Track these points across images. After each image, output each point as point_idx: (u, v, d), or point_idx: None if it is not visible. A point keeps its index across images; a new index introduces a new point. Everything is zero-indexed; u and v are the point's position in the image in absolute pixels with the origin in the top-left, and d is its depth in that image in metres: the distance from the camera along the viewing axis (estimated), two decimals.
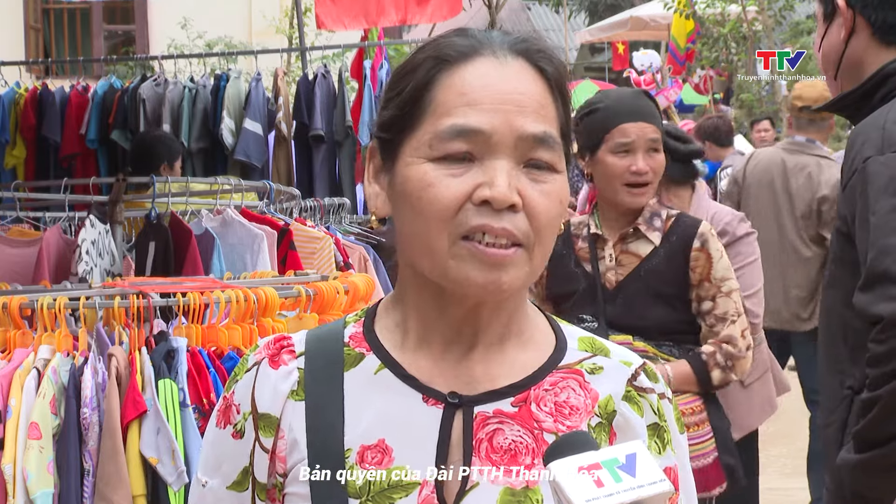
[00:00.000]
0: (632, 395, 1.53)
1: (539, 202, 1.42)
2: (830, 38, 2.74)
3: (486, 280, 1.40)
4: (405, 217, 1.45)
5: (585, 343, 1.56)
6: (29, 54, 17.83)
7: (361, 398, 1.48)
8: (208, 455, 1.56)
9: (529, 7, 30.67)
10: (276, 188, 5.70)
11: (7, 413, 3.16)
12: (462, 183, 1.41)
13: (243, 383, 1.53)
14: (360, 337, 1.53)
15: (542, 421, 1.47)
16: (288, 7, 16.68)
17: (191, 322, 3.40)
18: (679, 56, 15.95)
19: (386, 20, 8.10)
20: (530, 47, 1.47)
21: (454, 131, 1.41)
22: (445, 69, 1.45)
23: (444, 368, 1.48)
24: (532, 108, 1.43)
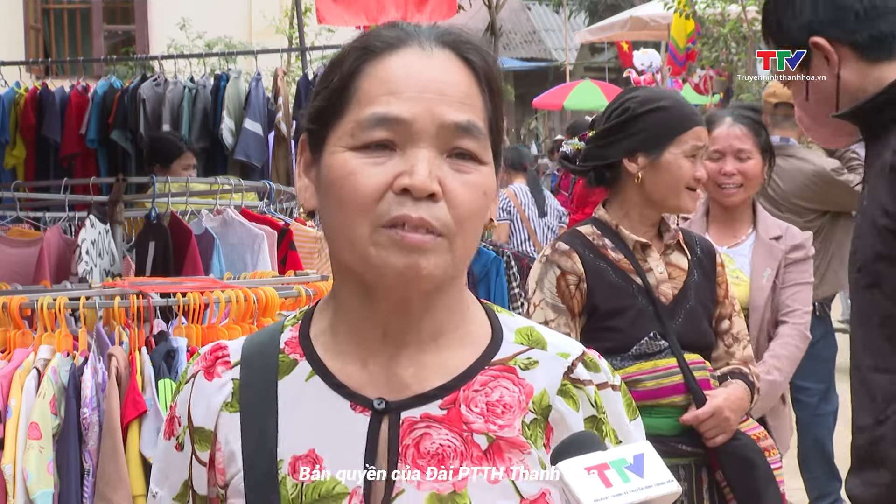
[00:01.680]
0: (567, 389, 1.50)
1: (460, 192, 1.40)
2: (818, 85, 2.65)
3: (405, 265, 1.38)
4: (330, 207, 1.44)
5: (522, 335, 1.53)
6: (29, 54, 17.83)
7: (293, 407, 1.47)
8: (158, 465, 1.57)
9: (529, 7, 30.67)
10: (276, 188, 5.70)
11: (7, 413, 3.16)
12: (383, 171, 1.40)
13: (183, 396, 1.53)
14: (295, 342, 1.51)
15: (472, 422, 1.45)
16: (288, 7, 16.67)
17: (191, 322, 3.40)
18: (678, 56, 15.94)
19: (386, 18, 8.09)
20: (458, 39, 1.47)
21: (375, 119, 1.40)
22: (371, 59, 1.44)
23: (373, 373, 1.47)
24: (456, 98, 1.42)
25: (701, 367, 3.23)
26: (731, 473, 3.19)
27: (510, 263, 6.54)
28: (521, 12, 30.62)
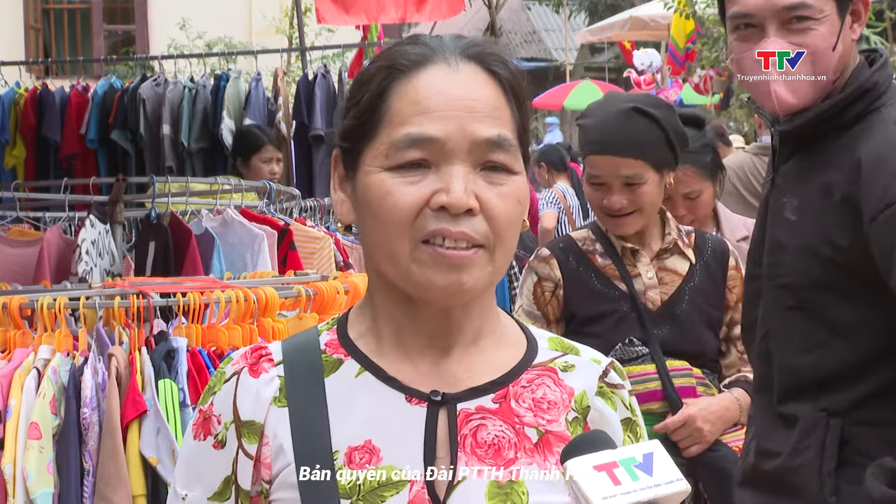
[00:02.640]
0: (604, 391, 1.57)
1: (496, 204, 1.45)
2: (846, 37, 2.56)
3: (447, 282, 1.43)
4: (368, 225, 1.48)
5: (555, 343, 1.59)
6: (29, 54, 17.83)
7: (344, 401, 1.50)
8: (187, 468, 1.56)
9: (529, 7, 30.66)
10: (275, 188, 5.70)
11: (7, 413, 3.16)
12: (419, 190, 1.44)
13: (223, 394, 1.54)
14: (335, 343, 1.55)
15: (523, 416, 1.51)
16: (288, 7, 16.67)
17: (191, 322, 3.40)
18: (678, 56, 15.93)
19: (386, 17, 8.09)
20: (482, 51, 1.50)
21: (409, 140, 1.44)
22: (398, 78, 1.47)
23: (423, 370, 1.51)
24: (485, 113, 1.46)
25: (685, 374, 3.18)
26: (707, 485, 3.15)
27: (511, 264, 6.55)
28: (521, 12, 30.60)
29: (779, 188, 2.63)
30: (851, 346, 2.50)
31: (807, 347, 2.54)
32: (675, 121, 3.24)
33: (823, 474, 2.48)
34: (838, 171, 2.50)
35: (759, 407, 2.68)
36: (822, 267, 2.50)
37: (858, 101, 2.55)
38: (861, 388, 2.49)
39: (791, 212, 2.58)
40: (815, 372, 2.52)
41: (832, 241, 2.48)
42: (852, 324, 2.50)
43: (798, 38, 2.55)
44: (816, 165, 2.56)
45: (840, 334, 2.50)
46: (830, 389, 2.51)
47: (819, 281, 2.51)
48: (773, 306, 2.61)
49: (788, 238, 2.57)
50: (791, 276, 2.56)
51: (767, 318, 2.63)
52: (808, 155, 2.59)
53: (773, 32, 2.55)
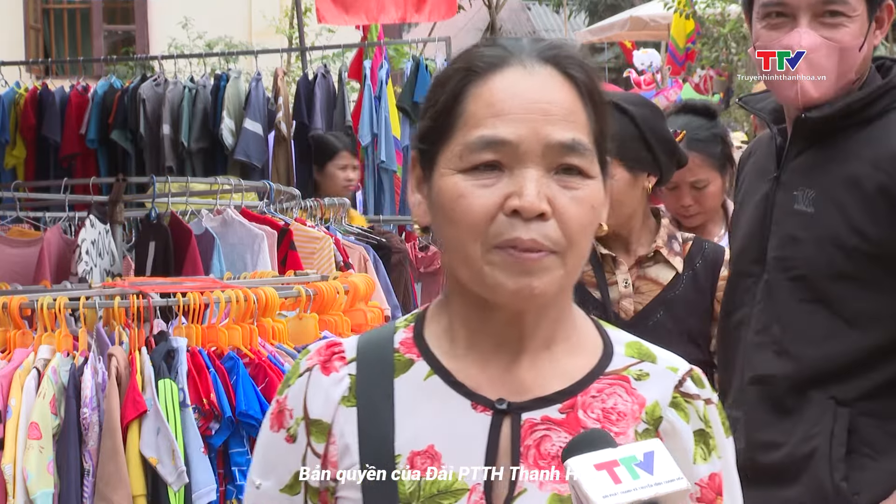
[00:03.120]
0: (678, 402, 1.54)
1: (569, 209, 1.43)
2: (871, 40, 2.59)
3: (517, 286, 1.43)
4: (442, 227, 1.48)
5: (633, 349, 1.57)
6: (29, 54, 17.82)
7: (411, 404, 1.50)
8: (263, 458, 1.58)
9: (529, 7, 30.66)
10: (275, 188, 5.70)
11: (7, 413, 3.16)
12: (493, 193, 1.43)
13: (296, 389, 1.55)
14: (410, 342, 1.55)
15: (590, 427, 1.49)
16: (288, 7, 16.67)
17: (191, 322, 3.40)
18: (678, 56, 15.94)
19: (386, 17, 8.10)
20: (559, 54, 1.49)
21: (483, 142, 1.44)
22: (475, 80, 1.47)
23: (491, 375, 1.50)
24: (560, 116, 1.45)
25: None
26: None
27: None
28: (521, 12, 30.61)
29: (786, 184, 2.64)
30: (867, 337, 2.52)
31: (823, 338, 2.55)
32: (656, 123, 3.15)
33: (833, 461, 2.50)
34: (866, 164, 2.54)
35: (751, 400, 2.67)
36: (848, 257, 2.52)
37: (883, 97, 2.59)
38: (871, 378, 2.53)
39: (807, 204, 2.59)
40: (829, 362, 2.54)
41: (861, 230, 2.51)
42: (871, 314, 2.52)
43: (829, 33, 2.56)
44: (837, 158, 2.58)
45: (857, 325, 2.53)
46: (841, 379, 2.53)
47: (842, 271, 2.53)
48: (783, 298, 2.61)
49: (805, 230, 2.58)
50: (809, 268, 2.57)
51: (774, 310, 2.63)
52: (825, 148, 2.61)
53: (806, 23, 2.56)
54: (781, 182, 2.65)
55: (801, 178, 2.62)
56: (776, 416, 2.60)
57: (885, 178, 2.50)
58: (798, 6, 2.56)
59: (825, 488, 2.50)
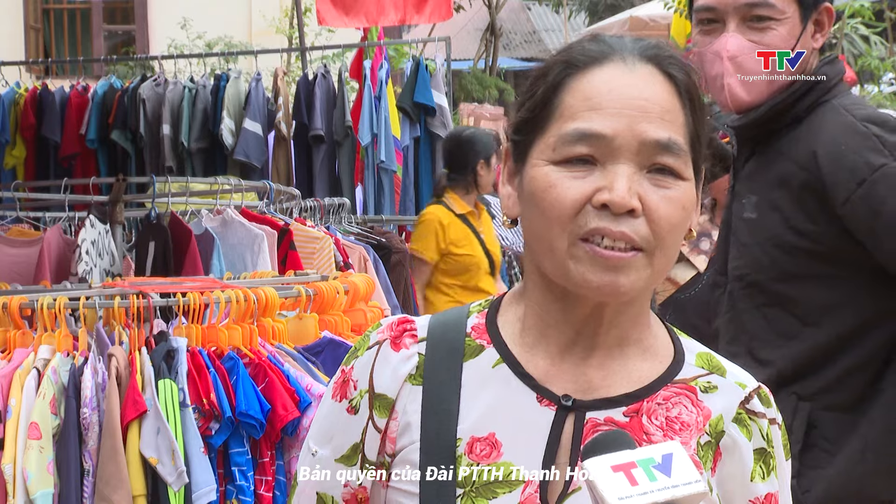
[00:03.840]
0: (742, 418, 1.54)
1: (660, 207, 1.43)
2: (806, 42, 2.61)
3: (601, 282, 1.42)
4: (530, 217, 1.47)
5: (703, 359, 1.56)
6: (29, 54, 17.82)
7: (477, 390, 1.50)
8: (321, 426, 1.58)
9: (529, 7, 30.66)
10: (276, 188, 5.70)
11: (7, 413, 3.16)
12: (583, 185, 1.42)
13: (363, 360, 1.55)
14: (482, 328, 1.54)
15: (652, 434, 1.48)
16: (288, 7, 16.67)
17: (191, 322, 3.40)
18: None
19: (386, 20, 8.10)
20: (660, 53, 1.48)
21: (577, 135, 1.43)
22: (574, 74, 1.47)
23: (561, 370, 1.50)
24: (657, 114, 1.44)
25: None
26: None
27: (511, 264, 6.53)
28: (521, 12, 30.60)
29: (738, 193, 2.67)
30: (822, 332, 2.55)
31: (784, 340, 2.57)
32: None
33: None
34: (793, 162, 2.56)
35: None
36: (789, 256, 2.55)
37: (809, 93, 2.60)
38: (829, 371, 2.55)
39: (750, 210, 2.61)
40: (792, 362, 2.56)
41: (795, 227, 2.54)
42: (823, 309, 2.55)
43: (757, 36, 2.59)
44: (771, 160, 2.61)
45: (812, 322, 2.56)
46: (804, 376, 2.55)
47: (787, 271, 2.56)
48: (744, 306, 2.63)
49: (751, 235, 2.60)
50: (759, 272, 2.60)
51: (739, 319, 2.64)
52: (764, 153, 2.64)
53: (734, 28, 2.59)
54: (735, 191, 2.69)
55: (747, 185, 2.65)
56: None
57: (807, 175, 2.52)
58: (725, 11, 2.58)
59: None
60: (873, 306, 2.54)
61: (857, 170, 2.47)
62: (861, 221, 2.48)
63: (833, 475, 2.51)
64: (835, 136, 2.52)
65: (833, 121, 2.54)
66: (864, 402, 2.54)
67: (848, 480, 2.51)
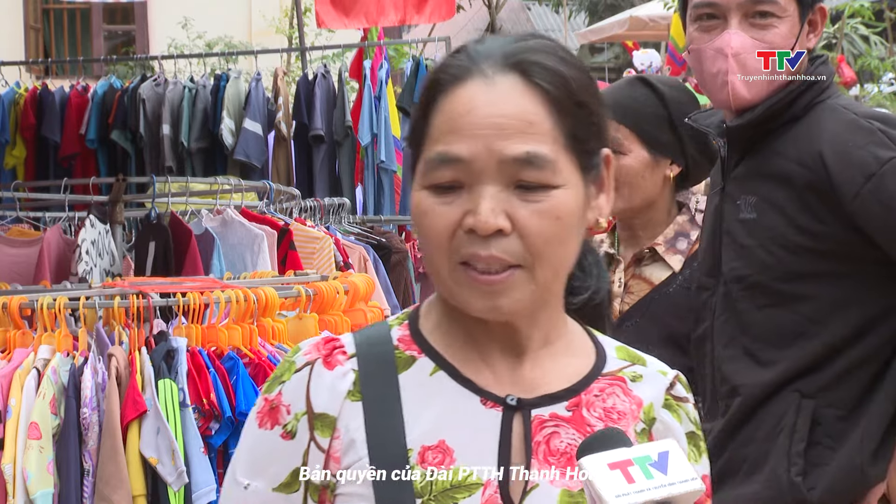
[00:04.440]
0: (671, 404, 1.56)
1: (530, 223, 1.41)
2: (803, 42, 2.60)
3: (484, 307, 1.43)
4: (419, 237, 1.50)
5: (623, 352, 1.59)
6: (29, 54, 17.83)
7: (419, 400, 1.49)
8: (251, 457, 1.54)
9: (529, 7, 30.67)
10: (275, 188, 5.71)
11: (7, 413, 3.16)
12: (452, 211, 1.42)
13: (293, 384, 1.51)
14: (408, 339, 1.54)
15: (594, 426, 1.50)
16: (288, 7, 16.67)
17: (191, 322, 3.40)
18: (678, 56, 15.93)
19: (385, 20, 8.09)
20: (526, 59, 1.45)
21: (439, 160, 1.43)
22: (441, 92, 1.46)
23: (497, 372, 1.50)
24: (515, 129, 1.41)
25: None
26: None
27: None
28: (521, 12, 30.61)
29: (730, 194, 2.65)
30: (829, 330, 2.55)
31: (790, 340, 2.57)
32: (689, 109, 2.94)
33: (792, 455, 2.52)
34: (795, 162, 2.55)
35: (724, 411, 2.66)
36: (795, 255, 2.55)
37: (806, 93, 2.59)
38: (833, 369, 2.55)
39: (749, 210, 2.60)
40: (798, 362, 2.57)
41: (800, 227, 2.53)
42: (829, 307, 2.55)
43: (759, 34, 2.58)
44: (770, 160, 2.60)
45: (818, 321, 2.55)
46: (808, 374, 2.56)
47: (793, 270, 2.55)
48: (744, 308, 2.62)
49: (751, 236, 2.59)
50: (762, 273, 2.59)
51: (738, 321, 2.63)
52: (760, 153, 2.62)
53: (736, 25, 2.57)
54: (726, 193, 2.67)
55: (742, 185, 2.63)
56: (747, 422, 2.61)
57: (811, 175, 2.52)
58: (728, 7, 2.56)
59: (781, 482, 2.53)
60: (879, 303, 2.54)
61: (865, 165, 2.47)
62: (872, 216, 2.48)
63: (835, 470, 2.52)
64: (839, 134, 2.52)
65: (835, 119, 2.54)
66: (866, 398, 2.54)
67: (850, 473, 2.51)
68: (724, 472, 2.61)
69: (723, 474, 2.61)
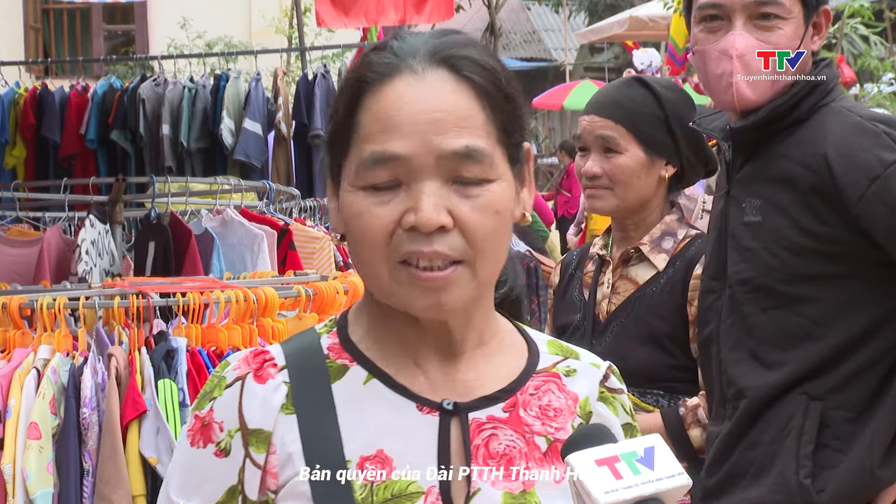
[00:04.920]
0: (606, 396, 1.56)
1: (472, 218, 1.40)
2: (807, 43, 2.60)
3: (426, 304, 1.40)
4: (351, 241, 1.44)
5: (554, 346, 1.57)
6: (29, 54, 17.83)
7: (354, 409, 1.46)
8: (184, 476, 1.50)
9: (529, 7, 30.68)
10: (275, 188, 5.71)
11: (7, 413, 3.17)
12: (390, 210, 1.39)
13: (225, 401, 1.48)
14: (338, 348, 1.50)
15: (531, 425, 1.49)
16: (287, 7, 16.67)
17: (190, 322, 3.40)
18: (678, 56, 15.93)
19: (385, 20, 8.10)
20: (453, 54, 1.43)
21: (374, 159, 1.40)
22: (367, 91, 1.43)
23: (431, 377, 1.48)
24: (451, 123, 1.40)
25: None
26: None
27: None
28: (521, 12, 30.62)
29: (735, 197, 2.65)
30: (836, 332, 2.55)
31: (796, 342, 2.57)
32: (685, 111, 2.95)
33: (800, 457, 2.52)
34: (799, 164, 2.56)
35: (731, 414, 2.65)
36: (799, 258, 2.55)
37: (810, 95, 2.59)
38: (841, 371, 2.55)
39: (753, 213, 2.60)
40: (804, 364, 2.56)
41: (804, 229, 2.53)
42: (834, 309, 2.55)
43: (764, 35, 2.58)
44: (774, 162, 2.60)
45: (823, 323, 2.55)
46: (815, 376, 2.55)
47: (797, 273, 2.55)
48: (749, 310, 2.62)
49: (756, 239, 2.59)
50: (767, 275, 2.59)
51: (743, 323, 2.63)
52: (764, 156, 2.63)
53: (741, 26, 2.57)
54: (731, 196, 2.67)
55: (747, 188, 2.63)
56: (753, 425, 2.61)
57: (815, 177, 2.52)
58: (733, 8, 2.56)
59: (790, 485, 2.52)
60: (884, 305, 2.54)
61: (869, 167, 2.48)
62: (876, 218, 2.48)
63: (845, 472, 2.51)
64: (844, 137, 2.52)
65: (839, 122, 2.55)
66: (874, 400, 2.54)
67: (859, 475, 2.51)
68: (730, 475, 2.61)
69: (730, 477, 2.61)
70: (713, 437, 2.69)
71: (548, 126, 27.79)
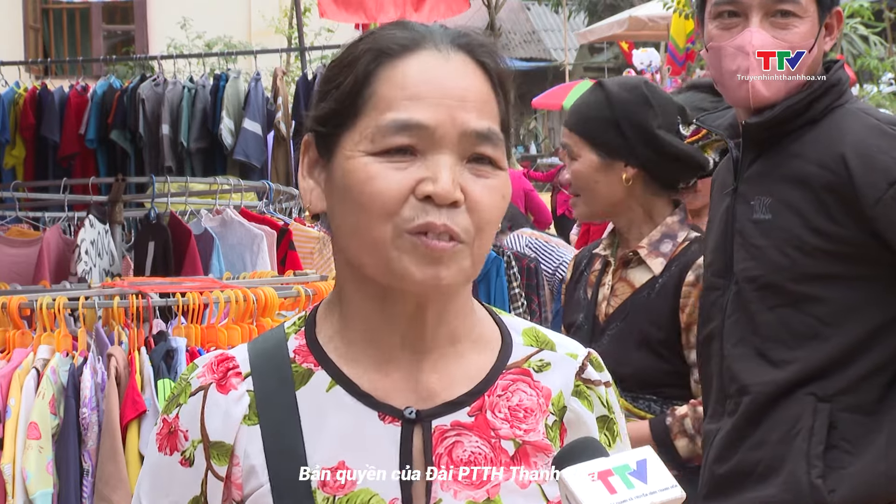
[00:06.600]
0: (581, 390, 1.52)
1: (483, 198, 1.40)
2: (821, 43, 2.61)
3: (424, 276, 1.38)
4: (346, 211, 1.41)
5: (530, 336, 1.53)
6: (28, 54, 17.84)
7: (317, 419, 1.44)
8: (153, 481, 1.50)
9: (529, 7, 30.69)
10: (275, 188, 5.71)
11: (6, 413, 3.16)
12: (405, 177, 1.38)
13: (189, 409, 1.47)
14: (304, 350, 1.48)
15: (499, 428, 1.46)
16: (287, 7, 16.68)
17: (190, 322, 3.40)
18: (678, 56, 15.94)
19: (385, 17, 8.11)
20: (472, 41, 1.44)
21: (397, 125, 1.38)
22: (386, 62, 1.42)
23: (395, 380, 1.45)
24: (475, 104, 1.41)
25: None
26: None
27: (510, 263, 6.53)
28: (521, 12, 30.63)
29: (743, 195, 2.64)
30: (844, 333, 2.54)
31: (802, 341, 2.56)
32: (635, 109, 2.94)
33: (811, 457, 2.51)
34: (815, 163, 2.55)
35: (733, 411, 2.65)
36: (810, 257, 2.54)
37: (825, 96, 2.59)
38: (850, 372, 2.54)
39: (764, 211, 2.60)
40: (810, 363, 2.55)
41: (816, 229, 2.53)
42: (844, 310, 2.54)
43: (780, 33, 2.58)
44: (787, 161, 2.60)
45: (832, 323, 2.54)
46: (822, 377, 2.55)
47: (807, 272, 2.55)
48: (756, 308, 2.61)
49: (765, 237, 2.59)
50: (776, 273, 2.58)
51: (749, 321, 2.63)
52: (776, 154, 2.62)
53: (757, 23, 2.57)
54: (739, 193, 2.66)
55: (756, 186, 2.62)
56: (758, 423, 2.60)
57: (831, 177, 2.51)
58: (750, 5, 2.56)
59: (801, 485, 2.51)
60: (894, 307, 2.54)
61: (889, 170, 2.48)
62: (892, 222, 2.48)
63: (858, 474, 2.50)
64: (863, 138, 2.52)
65: (857, 123, 2.54)
66: (883, 403, 2.53)
67: (874, 478, 2.50)
68: (736, 474, 2.60)
69: (735, 476, 2.60)
70: (711, 434, 2.68)
71: (548, 126, 27.80)
